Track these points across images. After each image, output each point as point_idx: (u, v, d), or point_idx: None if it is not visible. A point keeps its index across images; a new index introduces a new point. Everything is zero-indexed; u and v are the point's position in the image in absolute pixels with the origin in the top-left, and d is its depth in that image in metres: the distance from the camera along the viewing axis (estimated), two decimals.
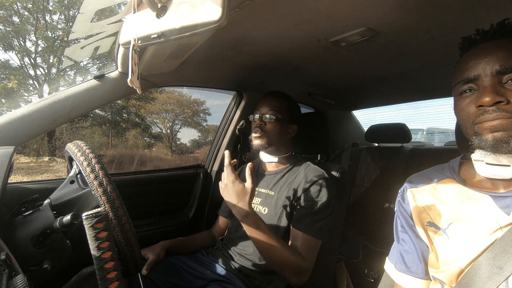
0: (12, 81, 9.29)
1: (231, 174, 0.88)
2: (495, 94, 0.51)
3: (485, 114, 0.52)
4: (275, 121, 1.09)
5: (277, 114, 1.10)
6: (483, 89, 0.54)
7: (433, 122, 6.34)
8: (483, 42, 0.57)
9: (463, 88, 0.57)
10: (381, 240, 1.70)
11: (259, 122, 1.10)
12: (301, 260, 0.88)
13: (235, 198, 0.86)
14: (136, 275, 0.65)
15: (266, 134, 1.09)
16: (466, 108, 0.56)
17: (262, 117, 1.11)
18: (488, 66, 0.53)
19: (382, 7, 0.75)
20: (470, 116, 0.55)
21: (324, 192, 0.97)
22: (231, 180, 0.87)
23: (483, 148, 0.54)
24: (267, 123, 1.10)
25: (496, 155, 0.53)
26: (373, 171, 1.92)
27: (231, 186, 0.87)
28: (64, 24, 10.65)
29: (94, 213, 0.48)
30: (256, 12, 0.76)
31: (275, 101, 1.13)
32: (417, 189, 0.68)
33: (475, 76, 0.55)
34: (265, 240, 0.85)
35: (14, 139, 0.84)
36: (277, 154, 1.13)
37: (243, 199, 0.86)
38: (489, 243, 0.53)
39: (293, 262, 0.86)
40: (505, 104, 0.51)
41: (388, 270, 0.70)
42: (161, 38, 0.58)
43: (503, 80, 0.52)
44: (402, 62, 1.20)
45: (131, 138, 11.31)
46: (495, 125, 0.51)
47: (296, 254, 0.88)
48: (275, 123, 1.09)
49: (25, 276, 0.42)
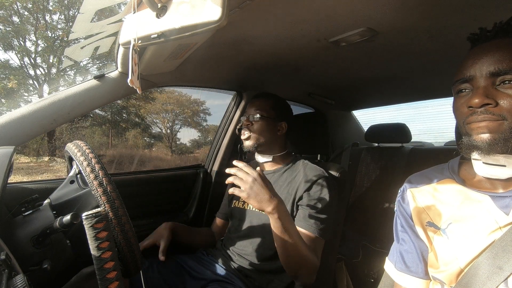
0: (12, 81, 9.29)
1: (253, 171, 0.79)
2: (484, 96, 0.52)
3: (474, 115, 0.54)
4: (261, 119, 1.10)
5: (263, 113, 1.10)
6: (475, 90, 0.55)
7: (433, 122, 6.33)
8: (484, 41, 0.57)
9: (459, 87, 0.58)
10: (381, 240, 1.70)
11: (246, 122, 1.11)
12: (316, 258, 0.88)
13: (267, 192, 0.77)
14: (136, 275, 0.65)
15: (254, 133, 1.09)
16: (460, 108, 0.57)
17: (248, 117, 1.12)
18: (483, 67, 0.53)
19: (382, 7, 0.75)
20: (462, 116, 0.57)
21: (326, 191, 0.98)
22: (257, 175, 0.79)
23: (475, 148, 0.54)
24: (254, 122, 1.11)
25: (490, 155, 0.54)
26: (373, 171, 1.92)
27: (260, 181, 0.78)
28: (64, 24, 10.66)
29: (94, 213, 0.49)
30: (256, 12, 0.76)
31: (260, 101, 1.14)
32: (417, 189, 0.68)
33: (470, 76, 0.55)
34: (293, 237, 0.80)
35: (14, 139, 0.84)
36: (270, 153, 1.13)
37: (274, 192, 0.80)
38: (488, 243, 0.53)
39: (312, 261, 0.85)
40: (493, 106, 0.52)
41: (388, 270, 0.70)
42: (161, 38, 0.58)
43: (496, 82, 0.53)
44: (402, 62, 1.20)
45: (131, 138, 11.32)
46: (481, 126, 0.53)
47: (312, 253, 0.87)
48: (261, 122, 1.10)
49: (25, 276, 0.42)
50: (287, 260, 0.83)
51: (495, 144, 0.51)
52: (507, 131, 0.51)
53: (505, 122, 0.51)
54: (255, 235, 1.04)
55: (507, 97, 0.51)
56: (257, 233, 1.03)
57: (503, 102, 0.51)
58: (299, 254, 0.82)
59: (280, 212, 0.78)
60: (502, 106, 0.51)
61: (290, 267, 0.84)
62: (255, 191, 0.77)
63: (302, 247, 0.83)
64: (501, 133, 0.51)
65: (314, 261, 0.86)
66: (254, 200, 0.77)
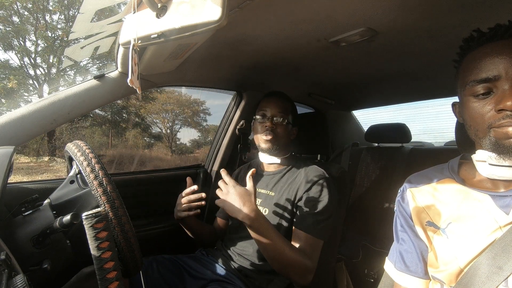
0: (12, 81, 9.29)
1: (230, 180, 0.87)
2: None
3: (507, 119, 0.49)
4: (286, 124, 1.09)
5: (286, 117, 1.09)
6: (503, 91, 0.50)
7: (433, 122, 6.33)
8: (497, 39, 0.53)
9: (477, 89, 0.53)
10: (381, 240, 1.70)
11: (270, 124, 1.08)
12: (307, 260, 0.87)
13: (239, 202, 0.83)
14: (136, 275, 0.65)
15: (276, 137, 1.07)
16: (482, 111, 0.53)
17: (272, 119, 1.09)
18: (509, 66, 0.50)
19: (382, 7, 0.75)
20: (486, 120, 0.52)
21: (326, 192, 0.97)
22: (232, 185, 0.85)
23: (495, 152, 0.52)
24: (278, 125, 1.08)
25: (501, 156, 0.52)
26: (373, 171, 1.92)
27: (233, 191, 0.84)
28: (64, 24, 10.67)
29: (94, 213, 0.48)
30: (256, 12, 0.76)
31: (283, 103, 1.12)
32: (417, 189, 0.68)
33: (495, 77, 0.51)
34: (273, 242, 0.83)
35: (14, 139, 0.84)
36: (279, 155, 1.12)
37: (249, 200, 0.83)
38: (488, 243, 0.52)
39: (300, 263, 0.85)
40: None
41: (388, 270, 0.70)
42: (161, 38, 0.58)
43: None
44: (402, 62, 1.20)
45: (131, 138, 11.32)
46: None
47: (302, 255, 0.87)
48: (285, 126, 1.09)
49: (25, 276, 0.42)
50: (272, 263, 0.86)
51: None
52: None
53: None
54: None
55: None
56: None
57: None
58: (283, 257, 0.84)
59: (252, 221, 0.82)
60: None
61: (278, 269, 0.87)
62: (228, 201, 0.84)
63: (286, 251, 0.84)
64: None
65: (305, 263, 0.86)
66: (227, 209, 0.84)
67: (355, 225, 1.88)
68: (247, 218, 0.82)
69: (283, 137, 1.09)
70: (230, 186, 0.86)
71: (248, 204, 0.83)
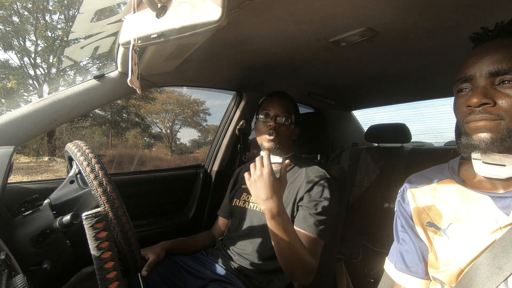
0: (11, 81, 9.28)
1: (268, 165, 0.80)
2: (482, 96, 0.53)
3: (472, 115, 0.54)
4: (289, 124, 1.09)
5: (290, 117, 1.09)
6: (474, 89, 0.55)
7: (433, 122, 6.33)
8: (486, 41, 0.57)
9: (460, 87, 0.58)
10: (381, 240, 1.70)
11: (273, 123, 1.07)
12: (312, 259, 0.87)
13: (268, 192, 0.78)
14: (136, 275, 0.65)
15: (279, 136, 1.07)
16: (460, 107, 0.58)
17: (276, 118, 1.08)
18: (483, 66, 0.54)
19: (382, 7, 0.75)
20: (461, 115, 0.58)
21: (327, 193, 0.97)
22: (267, 172, 0.79)
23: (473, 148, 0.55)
24: (281, 125, 1.08)
25: (488, 154, 0.54)
26: (373, 171, 1.92)
27: (266, 178, 0.79)
28: (64, 24, 10.66)
29: (94, 213, 0.48)
30: (256, 12, 0.76)
31: (286, 103, 1.11)
32: (417, 189, 0.68)
33: (470, 76, 0.56)
34: (289, 239, 0.80)
35: (14, 139, 0.84)
36: (281, 155, 1.12)
37: (277, 194, 0.79)
38: (488, 243, 0.53)
39: (308, 262, 0.85)
40: (492, 106, 0.52)
41: (388, 270, 0.70)
42: (161, 38, 0.58)
43: (496, 81, 0.53)
44: (402, 62, 1.20)
45: (131, 138, 11.32)
46: (479, 126, 0.53)
47: (309, 254, 0.87)
48: (288, 126, 1.09)
49: (24, 276, 0.42)
50: (282, 259, 0.84)
51: (492, 143, 0.52)
52: (504, 131, 0.51)
53: (503, 122, 0.51)
54: (255, 234, 1.04)
55: (506, 97, 0.51)
56: (257, 233, 1.03)
57: (501, 102, 0.52)
58: (295, 255, 0.82)
59: (273, 214, 0.78)
60: (500, 106, 0.52)
61: (286, 267, 0.85)
62: (257, 186, 0.81)
63: (299, 249, 0.82)
64: (498, 133, 0.51)
65: (311, 262, 0.86)
66: (253, 194, 0.82)
67: (355, 225, 1.88)
68: (271, 211, 0.78)
69: (286, 137, 1.09)
70: (266, 171, 0.80)
71: (276, 197, 0.79)
